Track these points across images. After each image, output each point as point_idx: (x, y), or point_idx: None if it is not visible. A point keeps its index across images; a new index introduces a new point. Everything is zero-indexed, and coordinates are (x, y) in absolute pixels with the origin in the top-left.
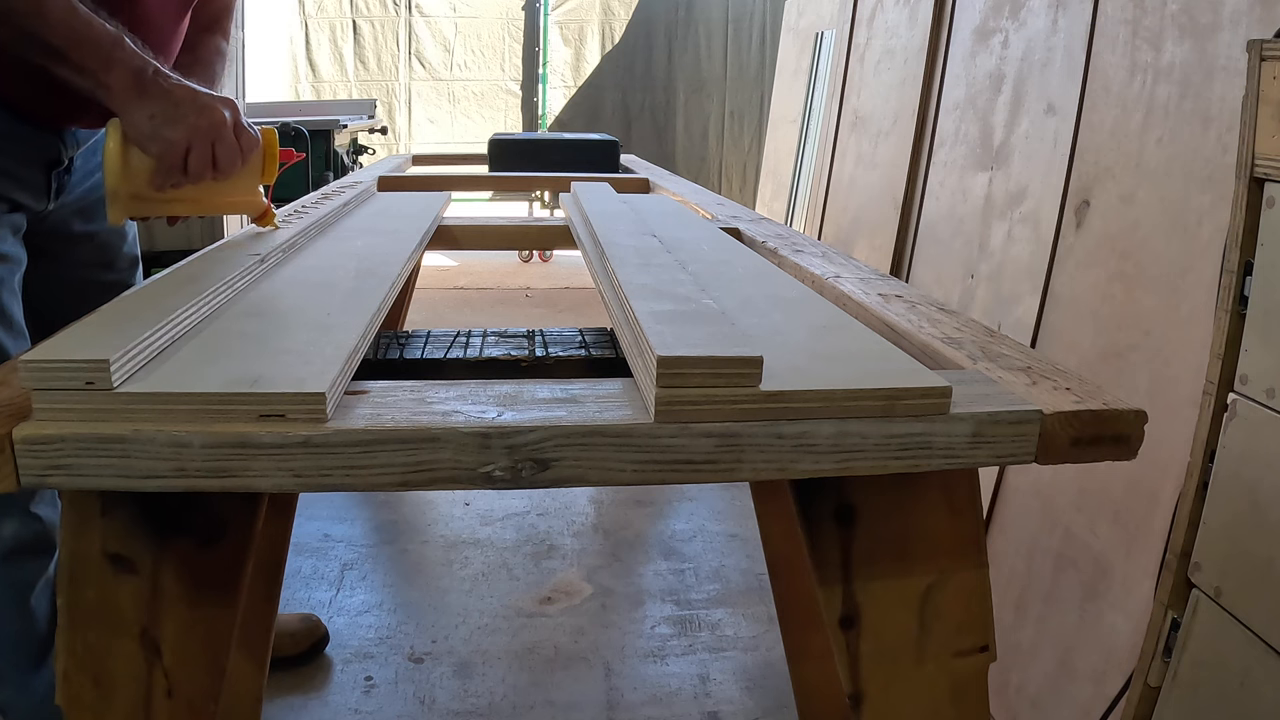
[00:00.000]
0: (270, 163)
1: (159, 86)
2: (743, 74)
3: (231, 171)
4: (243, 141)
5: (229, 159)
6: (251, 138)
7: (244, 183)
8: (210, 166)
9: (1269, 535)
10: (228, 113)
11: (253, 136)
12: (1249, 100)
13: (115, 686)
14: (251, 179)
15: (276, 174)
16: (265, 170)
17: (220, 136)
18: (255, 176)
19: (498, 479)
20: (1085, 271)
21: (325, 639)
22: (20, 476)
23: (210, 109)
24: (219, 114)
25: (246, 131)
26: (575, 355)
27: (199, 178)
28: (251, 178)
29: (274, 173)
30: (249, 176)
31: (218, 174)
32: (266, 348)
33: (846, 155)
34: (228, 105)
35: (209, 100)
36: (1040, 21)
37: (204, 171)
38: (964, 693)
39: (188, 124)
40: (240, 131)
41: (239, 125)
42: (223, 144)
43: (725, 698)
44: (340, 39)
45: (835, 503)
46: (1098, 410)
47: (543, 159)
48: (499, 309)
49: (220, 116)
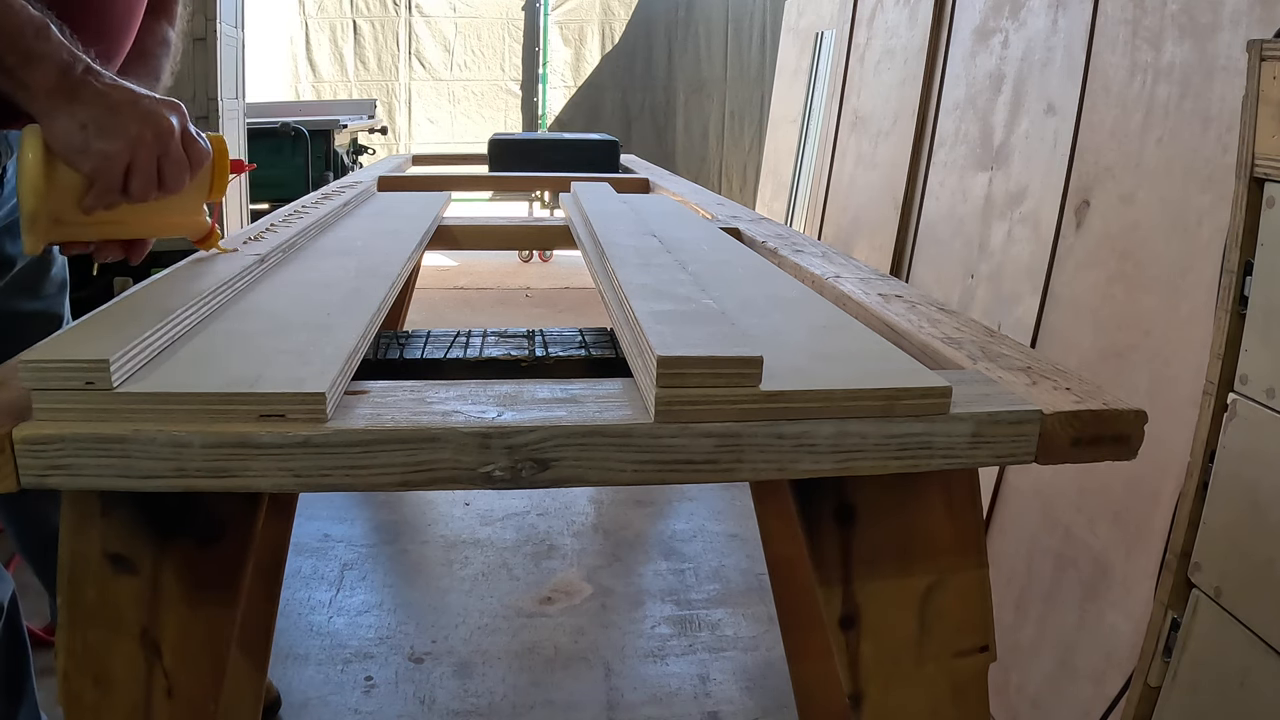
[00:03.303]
0: (220, 176)
1: (91, 88)
2: (743, 74)
3: (179, 189)
4: (192, 154)
5: (176, 176)
6: (201, 149)
7: (188, 200)
8: (155, 185)
9: (1269, 535)
10: (174, 119)
11: (203, 148)
12: (1249, 100)
13: (115, 686)
14: (196, 195)
15: (226, 189)
16: (214, 186)
17: (166, 149)
18: (201, 193)
19: (498, 479)
20: (1085, 271)
21: (277, 702)
22: (20, 476)
23: (154, 116)
24: (165, 122)
25: (196, 142)
26: (575, 355)
27: (142, 198)
28: (197, 194)
29: (224, 188)
30: (194, 193)
31: (163, 193)
32: (266, 348)
33: (846, 155)
34: (174, 110)
35: (152, 106)
36: (1040, 21)
37: (149, 191)
38: (964, 693)
39: (128, 135)
40: (189, 142)
41: (187, 134)
42: (169, 158)
43: (725, 698)
44: (340, 39)
45: (835, 503)
46: (1098, 410)
47: (543, 159)
48: (499, 309)
49: (166, 125)
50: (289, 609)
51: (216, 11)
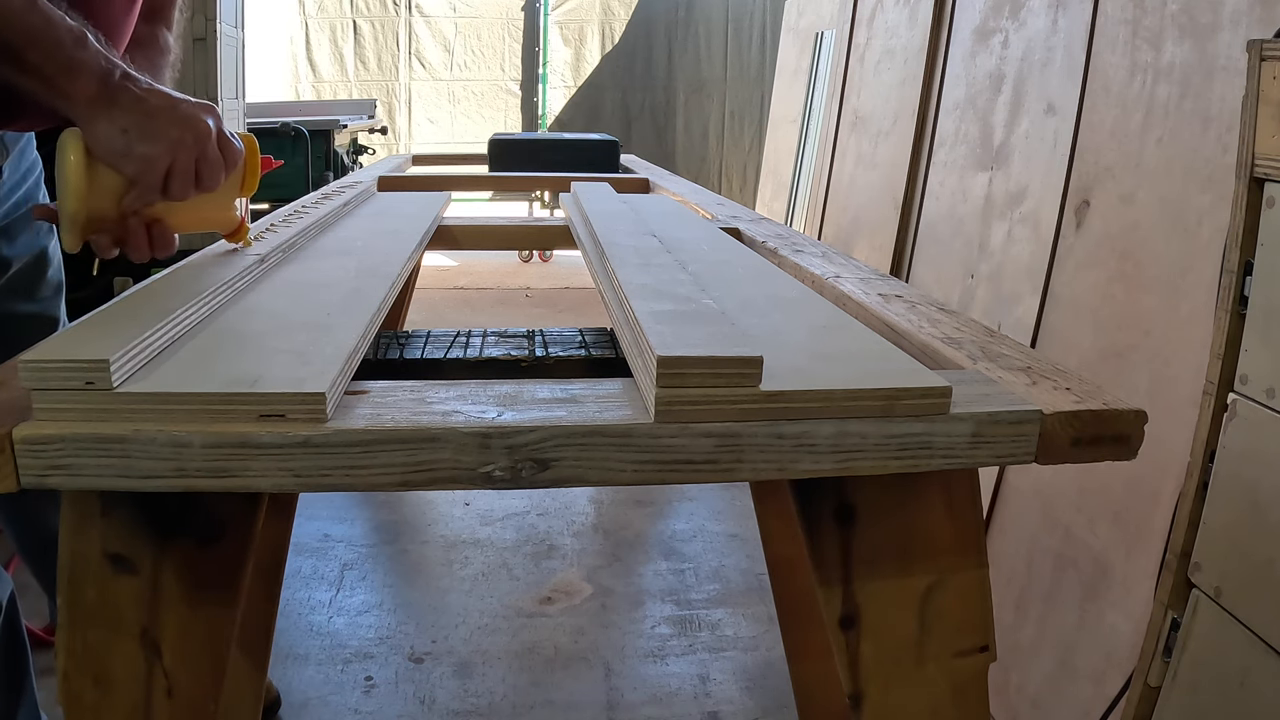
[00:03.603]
0: (251, 175)
1: (130, 94)
2: (743, 74)
3: (215, 188)
4: (227, 155)
5: (213, 175)
6: (236, 149)
7: (222, 197)
8: (193, 185)
9: (1269, 535)
10: (211, 122)
11: (237, 148)
12: (1249, 100)
13: (115, 686)
14: (229, 193)
15: (257, 186)
16: (245, 183)
17: (204, 151)
18: (234, 190)
19: (498, 479)
20: (1085, 271)
21: (277, 702)
22: (20, 476)
23: (192, 120)
24: (202, 125)
25: (230, 142)
26: (575, 355)
27: (181, 198)
28: (230, 191)
29: (254, 185)
30: (227, 190)
31: (200, 191)
32: (266, 348)
33: (846, 155)
34: (209, 113)
35: (190, 110)
36: (1040, 21)
37: (188, 191)
38: (964, 693)
39: (168, 138)
40: (224, 142)
41: (223, 135)
42: (206, 160)
43: (725, 698)
44: (340, 39)
45: (835, 503)
46: (1098, 410)
47: (543, 159)
48: (499, 309)
49: (204, 128)
50: (289, 609)
51: (216, 11)
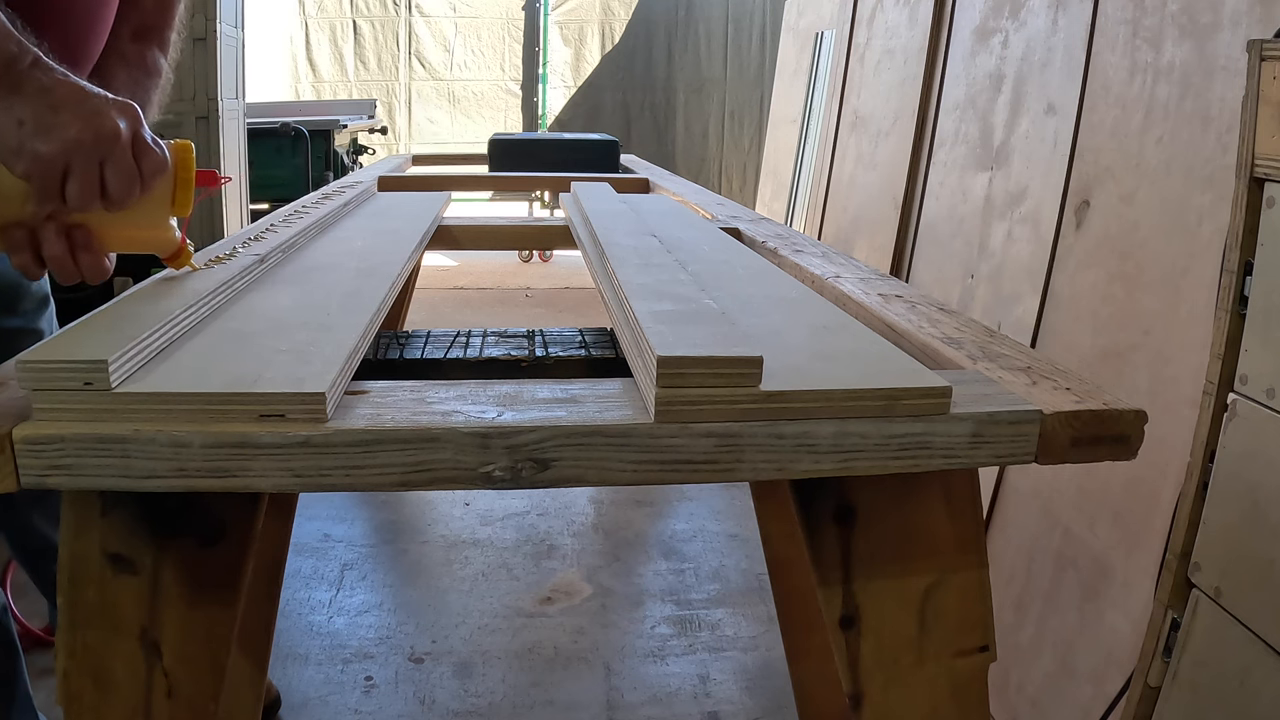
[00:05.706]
0: (184, 190)
1: (35, 82)
2: (743, 74)
3: (127, 201)
4: (144, 164)
5: (123, 185)
6: (157, 158)
7: (148, 214)
8: (97, 195)
9: (1269, 535)
10: (123, 123)
11: (158, 156)
12: (1249, 100)
13: (115, 686)
14: (159, 210)
15: (193, 204)
16: (177, 199)
17: (111, 155)
18: (164, 207)
19: (498, 479)
20: (1085, 271)
21: (277, 702)
22: (20, 476)
23: (99, 116)
24: (110, 124)
25: (151, 150)
26: (575, 355)
27: (83, 207)
28: (159, 208)
29: (189, 202)
30: (155, 206)
31: (109, 204)
32: (266, 348)
33: (846, 155)
34: (124, 112)
35: (100, 105)
36: (1040, 21)
37: (88, 200)
38: (964, 693)
39: (66, 136)
40: (141, 149)
41: (140, 140)
42: (114, 165)
43: (725, 698)
44: (340, 39)
45: (835, 503)
46: (1098, 410)
47: (543, 159)
48: (499, 309)
49: (112, 127)
50: (289, 609)
51: (216, 11)
